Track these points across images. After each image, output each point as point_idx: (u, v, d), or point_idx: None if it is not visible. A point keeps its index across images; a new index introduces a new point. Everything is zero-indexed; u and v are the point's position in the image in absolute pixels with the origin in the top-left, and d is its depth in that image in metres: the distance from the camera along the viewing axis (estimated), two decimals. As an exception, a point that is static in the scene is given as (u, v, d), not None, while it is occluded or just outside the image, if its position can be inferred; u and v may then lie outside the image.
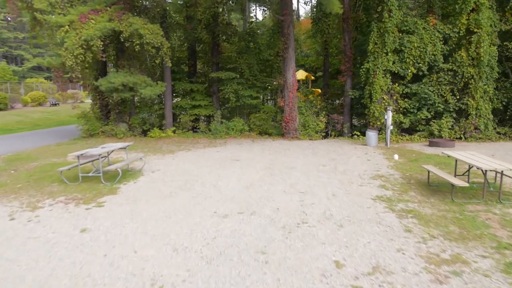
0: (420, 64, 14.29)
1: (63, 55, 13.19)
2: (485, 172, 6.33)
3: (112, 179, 8.48)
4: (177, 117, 18.04)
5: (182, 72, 19.37)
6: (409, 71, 14.45)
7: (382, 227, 5.39)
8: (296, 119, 15.76)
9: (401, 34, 14.52)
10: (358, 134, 15.32)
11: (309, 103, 17.23)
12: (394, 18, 14.08)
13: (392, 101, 14.74)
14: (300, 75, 20.84)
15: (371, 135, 13.30)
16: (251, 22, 21.93)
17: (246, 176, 8.79)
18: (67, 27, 13.22)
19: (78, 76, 14.17)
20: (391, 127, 13.12)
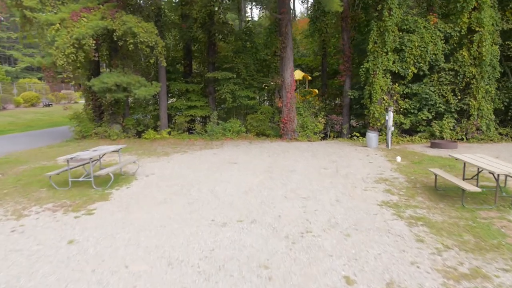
0: (420, 64, 14.00)
1: (54, 54, 12.73)
2: (497, 177, 6.01)
3: (104, 183, 8.07)
4: (172, 118, 17.61)
5: (178, 72, 18.95)
6: (409, 70, 14.16)
7: (392, 237, 5.04)
8: (294, 120, 15.41)
9: (401, 33, 14.23)
10: (358, 135, 14.99)
11: (307, 103, 16.89)
12: (394, 17, 13.77)
13: (392, 101, 14.44)
14: (297, 75, 20.46)
15: (372, 136, 12.97)
16: (248, 21, 21.56)
17: (245, 180, 8.42)
18: (58, 25, 12.76)
19: (70, 76, 13.72)
20: (392, 128, 12.80)
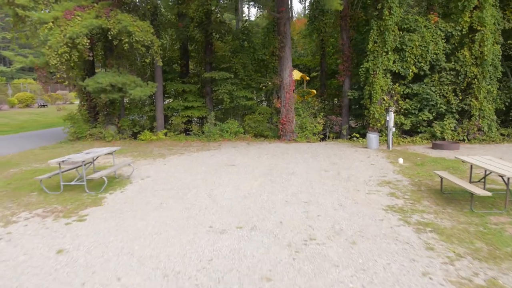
0: (421, 64, 13.78)
1: (47, 54, 12.40)
2: (507, 180, 5.76)
3: (98, 187, 7.77)
4: (168, 119, 17.29)
5: (174, 72, 18.66)
6: (410, 70, 13.93)
7: (400, 244, 4.78)
8: (293, 121, 15.15)
9: (401, 33, 14.00)
10: (358, 136, 14.74)
11: (306, 104, 16.64)
12: (395, 16, 13.54)
13: (392, 101, 14.20)
14: (294, 75, 20.14)
15: (372, 137, 12.73)
16: (245, 20, 21.27)
17: (244, 183, 8.14)
18: (50, 23, 12.43)
19: (63, 76, 13.39)
20: (393, 129, 12.56)
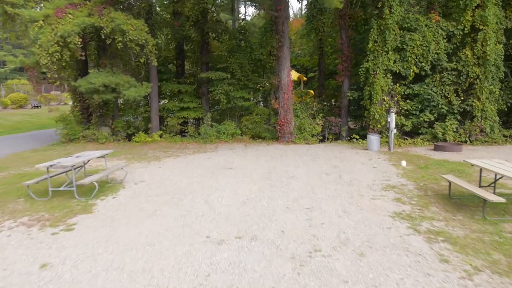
0: (422, 63, 13.49)
1: (37, 53, 11.97)
2: (522, 185, 5.45)
3: (88, 193, 7.37)
4: (164, 120, 16.87)
5: (169, 72, 18.26)
6: (411, 70, 13.64)
7: (412, 256, 4.44)
8: (291, 122, 14.82)
9: (402, 32, 13.71)
10: (357, 137, 14.40)
11: (304, 105, 16.31)
12: (395, 15, 13.24)
13: (393, 102, 13.90)
14: (292, 75, 19.91)
15: (373, 139, 12.42)
16: (242, 19, 20.92)
17: (242, 188, 7.78)
18: (41, 22, 12.01)
19: (54, 76, 12.96)
20: (394, 131, 12.25)
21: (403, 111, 14.07)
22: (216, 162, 10.77)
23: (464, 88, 13.61)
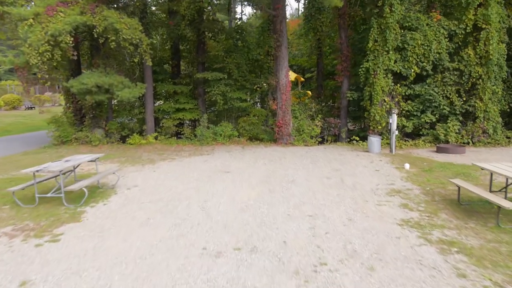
0: (424, 63, 13.18)
1: (27, 53, 11.55)
2: (538, 191, 5.13)
3: (78, 199, 6.97)
4: (159, 121, 16.44)
5: (165, 73, 17.84)
6: (412, 70, 13.32)
7: (426, 270, 4.09)
8: (289, 123, 14.46)
9: (403, 31, 13.39)
10: (357, 139, 14.06)
11: (303, 105, 15.97)
12: (396, 13, 12.92)
13: (394, 103, 13.59)
14: (290, 76, 19.60)
15: (374, 140, 12.09)
16: (239, 18, 20.56)
17: (240, 193, 7.41)
18: (31, 20, 11.58)
19: (45, 77, 12.52)
20: (396, 132, 11.93)
21: (404, 112, 13.76)
22: (212, 165, 10.40)
23: (466, 88, 13.32)
